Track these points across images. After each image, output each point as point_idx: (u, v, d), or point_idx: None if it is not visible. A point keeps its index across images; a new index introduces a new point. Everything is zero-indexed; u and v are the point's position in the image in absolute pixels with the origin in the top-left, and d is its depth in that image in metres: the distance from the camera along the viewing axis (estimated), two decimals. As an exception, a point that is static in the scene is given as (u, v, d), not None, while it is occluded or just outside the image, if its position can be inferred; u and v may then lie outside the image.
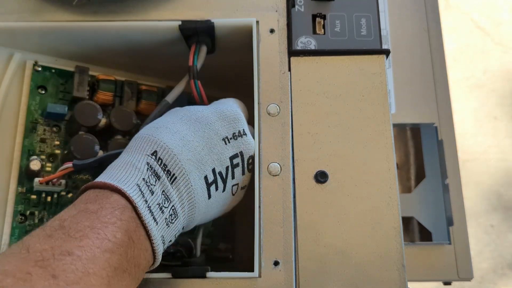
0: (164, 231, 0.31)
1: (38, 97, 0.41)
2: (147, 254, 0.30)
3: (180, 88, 0.41)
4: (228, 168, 0.35)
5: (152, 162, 0.31)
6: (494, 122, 1.27)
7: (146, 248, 0.30)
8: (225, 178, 0.35)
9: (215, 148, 0.34)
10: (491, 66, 1.31)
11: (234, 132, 0.35)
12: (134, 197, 0.29)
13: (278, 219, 0.34)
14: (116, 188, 0.29)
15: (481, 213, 1.19)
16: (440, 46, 0.57)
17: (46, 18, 0.39)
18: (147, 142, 0.32)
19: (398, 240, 0.34)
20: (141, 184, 0.30)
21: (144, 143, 0.33)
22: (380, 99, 0.37)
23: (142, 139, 0.33)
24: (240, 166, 0.36)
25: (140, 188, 0.30)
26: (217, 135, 0.35)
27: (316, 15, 0.40)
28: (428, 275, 0.49)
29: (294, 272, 0.33)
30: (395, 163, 0.35)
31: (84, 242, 0.26)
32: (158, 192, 0.31)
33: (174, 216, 0.32)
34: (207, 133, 0.34)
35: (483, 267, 1.15)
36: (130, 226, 0.29)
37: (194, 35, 0.39)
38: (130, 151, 0.33)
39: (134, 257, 0.28)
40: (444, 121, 0.54)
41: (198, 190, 0.33)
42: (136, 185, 0.30)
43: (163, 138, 0.32)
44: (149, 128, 0.34)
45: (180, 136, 0.33)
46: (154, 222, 0.30)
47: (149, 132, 0.33)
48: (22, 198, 0.39)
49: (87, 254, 0.26)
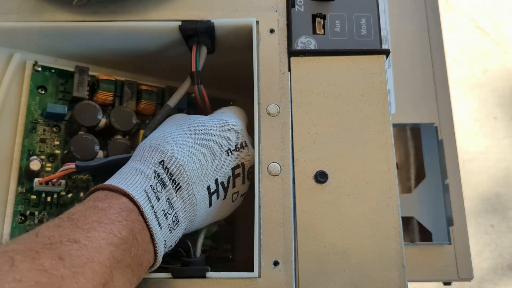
0: (167, 236, 0.32)
1: (38, 97, 0.41)
2: (149, 256, 0.31)
3: (182, 92, 0.41)
4: (230, 178, 0.36)
5: (160, 170, 0.33)
6: (494, 122, 1.27)
7: (149, 250, 0.31)
8: (227, 187, 0.36)
9: (218, 159, 0.36)
10: (491, 66, 1.31)
11: (237, 144, 0.37)
12: (141, 202, 0.31)
13: (278, 219, 0.34)
14: (125, 192, 0.31)
15: (481, 213, 1.19)
16: (440, 46, 0.57)
17: (46, 18, 0.39)
18: (155, 151, 0.34)
19: (398, 240, 0.34)
20: (148, 191, 0.32)
21: (152, 152, 0.34)
22: (380, 99, 0.37)
23: (150, 148, 0.34)
24: (241, 175, 0.37)
25: (147, 194, 0.32)
26: (221, 147, 0.36)
27: (316, 15, 0.40)
28: (428, 275, 0.49)
29: (294, 272, 0.33)
30: (395, 163, 0.35)
31: (91, 233, 0.28)
32: (163, 199, 0.32)
33: (176, 223, 0.33)
34: (211, 145, 0.36)
35: (483, 267, 1.15)
36: (136, 227, 0.30)
37: (194, 36, 0.39)
38: (139, 159, 0.34)
39: (137, 256, 0.30)
40: (444, 121, 0.54)
41: (200, 200, 0.34)
42: (144, 191, 0.32)
43: (170, 149, 0.34)
44: (155, 137, 0.35)
45: (186, 147, 0.35)
46: (159, 226, 0.31)
47: (156, 142, 0.35)
48: (22, 198, 0.39)
49: (93, 244, 0.27)
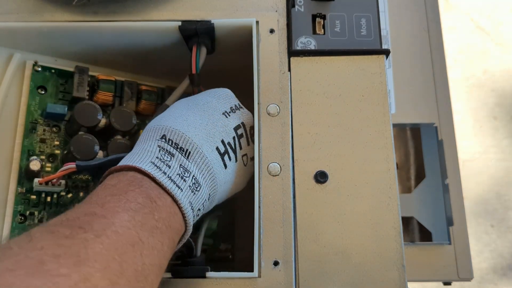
0: (191, 197, 0.32)
1: (38, 97, 0.41)
2: (177, 218, 0.31)
3: (180, 91, 0.41)
4: (235, 138, 0.36)
5: (163, 144, 0.33)
6: (494, 122, 1.27)
7: (175, 212, 0.30)
8: (235, 148, 0.36)
9: (218, 122, 0.36)
10: (491, 66, 1.31)
11: (231, 106, 0.37)
12: (150, 170, 0.30)
13: (278, 219, 0.34)
14: (131, 166, 0.31)
15: (481, 213, 1.19)
16: (440, 46, 0.57)
17: (45, 18, 0.39)
18: (154, 130, 0.34)
19: (398, 240, 0.34)
20: (155, 161, 0.31)
21: (151, 132, 0.34)
22: (380, 99, 0.37)
23: (148, 130, 0.34)
24: (245, 136, 0.37)
25: (155, 164, 0.31)
26: (217, 111, 0.36)
27: (316, 15, 0.40)
28: (428, 275, 0.49)
29: (294, 272, 0.33)
30: (395, 163, 0.35)
31: (106, 205, 0.28)
32: (175, 166, 0.32)
33: (197, 185, 0.32)
34: (207, 111, 0.36)
35: (483, 267, 1.15)
36: (152, 193, 0.30)
37: (194, 36, 0.39)
38: (140, 142, 0.34)
39: (162, 219, 0.29)
40: (444, 121, 0.54)
41: (214, 161, 0.34)
42: (151, 162, 0.31)
43: (168, 123, 0.34)
44: (152, 121, 0.36)
45: (183, 118, 0.35)
46: (178, 188, 0.31)
47: (153, 123, 0.35)
48: (21, 198, 0.39)
49: (110, 213, 0.27)
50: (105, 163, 0.37)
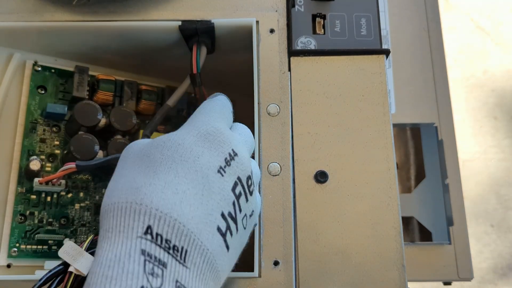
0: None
1: (37, 97, 0.41)
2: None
3: (181, 91, 0.41)
4: (234, 203, 0.28)
5: (149, 246, 0.23)
6: (494, 122, 1.27)
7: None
8: (235, 216, 0.28)
9: (214, 187, 0.27)
10: (491, 66, 1.31)
11: (226, 157, 0.28)
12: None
13: (278, 219, 0.34)
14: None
15: (481, 213, 1.19)
16: (440, 46, 0.57)
17: (45, 18, 0.39)
18: (134, 214, 0.24)
19: (398, 240, 0.34)
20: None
21: (129, 218, 0.24)
22: (380, 99, 0.37)
23: (125, 211, 0.24)
24: (243, 193, 0.29)
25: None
26: (211, 169, 0.27)
27: (316, 15, 0.40)
28: (428, 275, 0.50)
29: (294, 272, 0.33)
30: (395, 163, 0.35)
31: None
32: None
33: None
34: (200, 171, 0.26)
35: (483, 267, 1.15)
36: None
37: (194, 36, 0.39)
38: (114, 234, 0.24)
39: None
40: (444, 121, 0.54)
41: (216, 249, 0.26)
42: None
43: (153, 201, 0.24)
44: (126, 189, 0.25)
45: (172, 189, 0.25)
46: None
47: (130, 198, 0.25)
48: (21, 198, 0.39)
49: None
50: (105, 162, 0.37)
